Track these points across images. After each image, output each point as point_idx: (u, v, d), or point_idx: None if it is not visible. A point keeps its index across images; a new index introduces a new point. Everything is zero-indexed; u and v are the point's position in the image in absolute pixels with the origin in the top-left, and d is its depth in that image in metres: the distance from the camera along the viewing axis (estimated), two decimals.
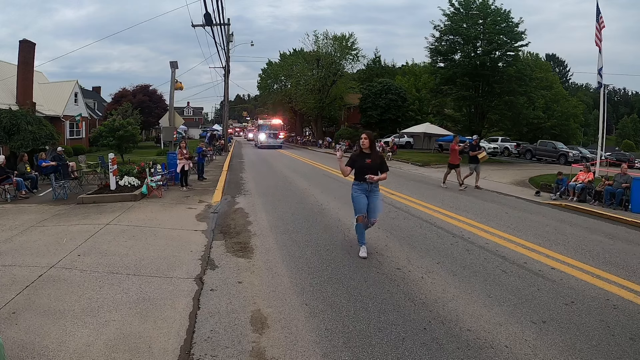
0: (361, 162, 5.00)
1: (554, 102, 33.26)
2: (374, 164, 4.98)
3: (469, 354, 2.90)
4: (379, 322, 3.36)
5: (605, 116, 14.69)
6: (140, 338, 3.05)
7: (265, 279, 4.32)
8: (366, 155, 5.02)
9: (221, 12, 28.76)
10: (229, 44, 30.75)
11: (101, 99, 44.49)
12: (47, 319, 3.30)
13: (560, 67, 76.23)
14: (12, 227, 6.39)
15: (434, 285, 4.18)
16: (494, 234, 6.33)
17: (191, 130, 64.76)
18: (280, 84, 49.48)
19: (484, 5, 23.30)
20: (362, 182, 4.98)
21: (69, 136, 27.29)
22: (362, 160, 5.00)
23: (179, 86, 14.55)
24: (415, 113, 36.48)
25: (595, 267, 4.88)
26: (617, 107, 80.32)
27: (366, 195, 5.01)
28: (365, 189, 5.01)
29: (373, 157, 5.03)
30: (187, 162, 11.04)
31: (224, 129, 36.89)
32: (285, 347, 2.97)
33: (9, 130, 13.40)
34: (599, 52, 13.08)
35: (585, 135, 52.53)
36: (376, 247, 5.51)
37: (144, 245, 5.46)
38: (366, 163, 4.95)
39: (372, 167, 4.95)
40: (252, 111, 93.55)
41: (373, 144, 5.09)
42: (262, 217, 7.37)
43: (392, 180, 13.47)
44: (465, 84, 24.05)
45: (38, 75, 25.30)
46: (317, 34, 40.64)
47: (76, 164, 13.36)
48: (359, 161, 5.03)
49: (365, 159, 4.99)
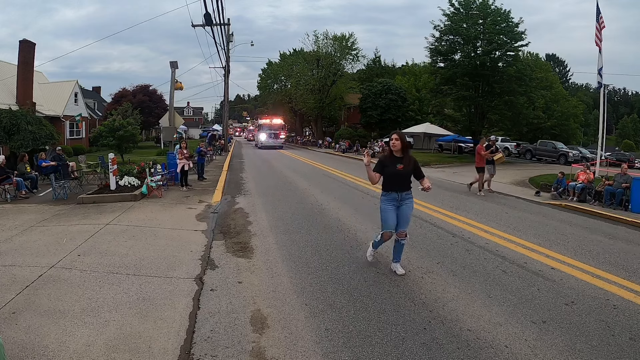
0: (392, 169, 4.30)
1: (554, 102, 33.25)
2: (406, 170, 4.31)
3: (469, 354, 2.90)
4: (379, 322, 3.36)
5: (605, 116, 14.69)
6: (140, 338, 3.05)
7: (265, 279, 4.32)
8: (397, 160, 4.33)
9: (221, 12, 28.78)
10: (229, 44, 30.77)
11: (101, 99, 44.49)
12: (47, 319, 3.30)
13: (560, 67, 76.21)
14: (12, 227, 6.39)
15: (434, 285, 4.18)
16: (494, 234, 6.33)
17: (191, 130, 64.77)
18: (280, 84, 49.50)
19: (484, 5, 23.29)
20: (392, 191, 4.34)
21: (69, 136, 27.30)
22: (392, 166, 4.30)
23: (179, 86, 14.56)
24: (415, 113, 36.47)
25: (595, 267, 4.88)
26: (617, 107, 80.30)
27: (396, 207, 4.37)
28: (395, 199, 4.35)
29: (405, 161, 4.33)
30: (187, 162, 11.04)
31: (224, 129, 36.89)
32: (285, 347, 2.97)
33: (9, 130, 13.41)
34: (599, 52, 13.08)
35: (585, 135, 52.52)
36: None
37: (144, 245, 5.46)
38: (397, 170, 4.28)
39: (404, 175, 4.32)
40: (252, 111, 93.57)
41: (406, 147, 4.35)
42: (262, 217, 7.37)
43: None
44: (465, 84, 24.04)
45: (38, 75, 25.30)
46: (317, 34, 40.67)
47: (76, 164, 13.36)
48: (389, 167, 4.32)
49: (397, 164, 4.30)
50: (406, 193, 4.35)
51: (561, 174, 11.10)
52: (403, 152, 4.36)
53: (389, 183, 4.35)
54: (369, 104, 35.03)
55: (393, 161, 4.36)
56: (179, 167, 10.97)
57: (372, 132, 36.08)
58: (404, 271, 4.43)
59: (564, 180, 10.83)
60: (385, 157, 4.45)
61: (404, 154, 4.36)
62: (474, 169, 11.59)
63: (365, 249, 5.38)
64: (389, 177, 4.34)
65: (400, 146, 4.32)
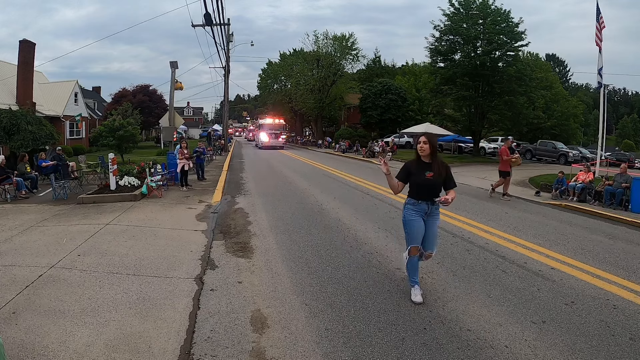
0: (420, 177, 3.72)
1: (554, 102, 33.25)
2: (437, 178, 3.70)
3: (469, 354, 2.90)
4: (379, 322, 3.36)
5: (605, 116, 14.70)
6: (140, 338, 3.05)
7: (265, 279, 4.32)
8: (426, 167, 3.73)
9: (221, 12, 28.80)
10: (229, 44, 30.76)
11: (101, 99, 44.50)
12: (47, 319, 3.30)
13: (560, 67, 76.21)
14: (12, 227, 6.39)
15: (434, 285, 4.18)
16: (494, 234, 6.33)
17: (191, 130, 64.74)
18: (280, 84, 49.47)
19: (484, 5, 23.29)
20: (421, 200, 3.76)
21: (69, 136, 27.30)
22: (420, 174, 3.72)
23: (179, 86, 14.56)
24: (415, 113, 36.45)
25: (595, 267, 4.88)
26: (617, 107, 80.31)
27: (423, 219, 3.80)
28: (425, 210, 3.77)
29: (435, 168, 3.71)
30: (187, 162, 11.04)
31: (224, 129, 36.88)
32: (285, 347, 2.97)
33: (9, 130, 13.41)
34: (599, 52, 13.08)
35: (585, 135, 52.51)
36: (376, 247, 5.51)
37: (144, 245, 5.46)
38: (426, 178, 3.68)
39: (435, 184, 3.72)
40: (252, 111, 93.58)
41: (435, 151, 3.77)
42: (262, 217, 7.37)
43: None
44: (465, 84, 24.04)
45: (38, 75, 25.30)
46: (317, 34, 40.66)
47: (76, 164, 13.36)
48: (416, 175, 3.74)
49: (425, 171, 3.71)
50: (436, 205, 3.80)
51: (561, 173, 11.10)
52: (432, 157, 3.73)
53: (416, 193, 3.78)
54: (369, 104, 35.03)
55: (421, 168, 3.74)
56: (179, 167, 10.97)
57: (372, 132, 36.06)
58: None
59: (564, 179, 10.84)
60: (412, 163, 3.83)
61: (433, 160, 3.74)
62: (474, 169, 11.54)
63: (365, 248, 5.40)
64: (417, 187, 3.77)
65: (430, 150, 3.69)
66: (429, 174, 3.69)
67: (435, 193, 3.76)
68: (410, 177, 3.78)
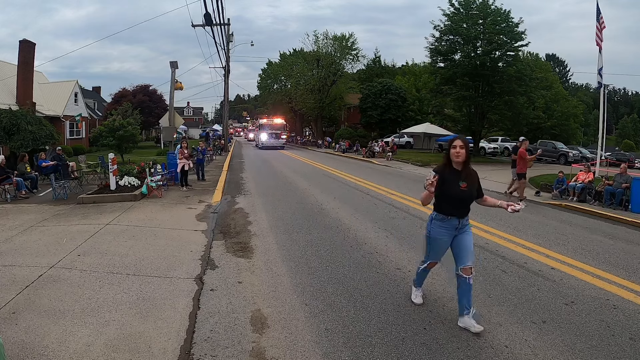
0: (453, 188, 3.21)
1: (554, 102, 33.24)
2: (471, 190, 3.25)
3: (469, 354, 2.90)
4: (379, 322, 3.36)
5: (605, 116, 14.70)
6: (140, 338, 3.05)
7: (265, 279, 4.32)
8: (458, 175, 3.23)
9: (221, 12, 28.82)
10: (229, 44, 30.77)
11: (101, 99, 44.48)
12: (47, 319, 3.30)
13: (560, 67, 76.22)
14: (12, 227, 6.39)
15: (434, 285, 4.18)
16: (494, 234, 6.32)
17: (191, 130, 64.73)
18: (280, 84, 49.48)
19: (484, 5, 23.27)
20: (452, 216, 3.28)
21: (69, 136, 27.29)
22: (453, 184, 3.21)
23: (179, 86, 14.56)
24: (415, 113, 36.48)
25: (595, 267, 4.87)
26: (617, 107, 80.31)
27: (453, 235, 3.36)
28: (455, 226, 3.31)
29: (469, 178, 3.25)
30: (187, 161, 11.04)
31: (224, 129, 36.89)
32: (285, 347, 2.97)
33: (9, 130, 13.40)
34: (599, 52, 13.08)
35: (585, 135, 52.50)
36: (376, 247, 5.51)
37: (144, 245, 5.46)
38: (460, 190, 3.20)
39: (468, 197, 3.27)
40: (252, 111, 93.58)
41: (469, 157, 3.27)
42: (262, 217, 7.37)
43: (392, 180, 13.48)
44: (465, 84, 24.02)
45: (38, 75, 25.30)
46: (317, 34, 40.75)
47: (76, 164, 13.36)
48: (449, 185, 3.22)
49: (459, 181, 3.21)
50: (466, 219, 3.35)
51: (561, 173, 11.10)
52: (465, 164, 3.25)
53: (447, 206, 3.28)
54: (369, 104, 35.04)
55: (454, 177, 3.23)
56: (179, 166, 10.97)
57: (372, 132, 36.07)
58: (481, 327, 3.19)
59: (565, 179, 10.84)
60: (443, 170, 3.28)
61: (465, 167, 3.25)
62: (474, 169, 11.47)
63: (365, 248, 5.40)
64: (449, 199, 3.25)
65: (466, 156, 3.21)
66: (463, 185, 3.20)
67: (467, 207, 3.32)
68: (442, 186, 3.22)
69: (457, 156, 3.20)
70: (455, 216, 3.28)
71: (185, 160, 10.94)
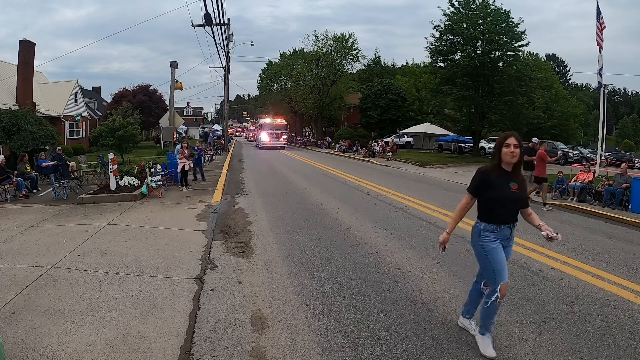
0: (503, 190, 2.82)
1: (554, 102, 33.29)
2: (522, 192, 2.90)
3: (469, 354, 2.90)
4: (379, 322, 3.36)
5: (605, 116, 14.70)
6: (140, 338, 3.05)
7: (265, 279, 4.32)
8: (508, 177, 2.85)
9: (221, 12, 28.83)
10: (229, 44, 30.78)
11: (101, 99, 44.49)
12: (47, 319, 3.30)
13: (560, 67, 76.23)
14: (12, 227, 6.39)
15: (434, 285, 4.18)
16: None
17: (191, 130, 64.76)
18: (280, 84, 49.49)
19: (484, 5, 23.28)
20: (504, 224, 2.85)
21: (69, 136, 27.29)
22: (504, 187, 2.82)
23: (179, 86, 14.57)
24: (415, 113, 36.49)
25: (595, 267, 4.88)
26: (617, 107, 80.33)
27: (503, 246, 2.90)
28: (506, 236, 2.90)
29: (520, 179, 2.90)
30: (187, 162, 11.04)
31: (224, 129, 36.89)
32: (285, 347, 2.97)
33: (9, 130, 13.40)
34: (599, 52, 13.08)
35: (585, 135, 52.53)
36: (376, 247, 5.51)
37: (144, 245, 5.46)
38: (512, 192, 2.82)
39: (520, 200, 2.90)
40: (252, 111, 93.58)
41: (522, 157, 2.91)
42: (262, 217, 7.37)
43: (392, 180, 13.48)
44: (465, 84, 24.03)
45: (38, 75, 25.30)
46: (317, 34, 40.71)
47: (76, 164, 13.36)
48: (498, 188, 2.82)
49: (509, 182, 2.83)
50: (515, 227, 2.92)
51: (560, 173, 11.10)
52: (516, 165, 2.87)
53: (498, 212, 2.84)
54: (369, 104, 35.04)
55: (503, 178, 2.84)
56: (179, 166, 10.97)
57: (372, 132, 36.08)
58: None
59: (565, 179, 10.84)
60: (490, 171, 2.89)
61: (516, 168, 2.88)
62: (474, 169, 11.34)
63: (365, 248, 5.39)
64: (499, 204, 2.82)
65: (520, 156, 2.83)
66: (514, 186, 2.81)
67: (517, 211, 2.93)
68: (489, 189, 2.83)
69: (512, 156, 2.78)
70: (508, 224, 2.85)
71: (185, 160, 10.94)
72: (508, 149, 2.80)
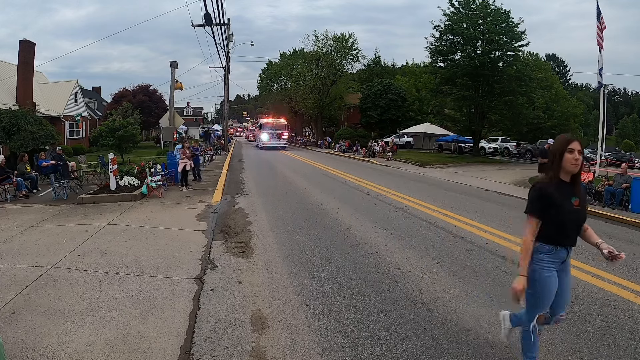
0: (565, 206, 2.37)
1: (554, 102, 33.27)
2: (584, 206, 2.46)
3: (469, 354, 2.90)
4: (379, 322, 3.36)
5: (605, 116, 14.70)
6: (140, 338, 3.05)
7: (265, 279, 4.32)
8: (570, 189, 2.41)
9: (221, 12, 28.80)
10: (229, 44, 30.78)
11: (101, 99, 44.49)
12: (47, 319, 3.30)
13: (560, 67, 76.18)
14: (12, 227, 6.39)
15: (434, 285, 4.18)
16: (494, 234, 6.32)
17: (191, 130, 64.72)
18: (280, 84, 49.49)
19: (484, 5, 23.28)
20: (562, 246, 2.44)
21: (69, 136, 27.28)
22: (566, 202, 2.38)
23: (179, 86, 14.56)
24: (415, 113, 36.49)
25: (595, 267, 4.87)
26: (617, 107, 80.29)
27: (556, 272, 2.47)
28: (563, 258, 2.46)
29: (581, 192, 2.47)
30: (188, 161, 11.05)
31: (224, 129, 36.92)
32: (285, 347, 2.97)
33: (9, 130, 13.40)
34: (600, 52, 13.09)
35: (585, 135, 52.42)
36: (376, 247, 5.51)
37: (144, 245, 5.46)
38: (574, 208, 2.40)
39: (583, 219, 2.48)
40: (252, 111, 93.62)
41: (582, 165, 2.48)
42: (262, 217, 7.37)
43: (392, 180, 13.48)
44: (465, 84, 24.04)
45: (38, 75, 25.29)
46: (317, 34, 40.68)
47: (76, 164, 13.36)
48: (559, 204, 2.37)
49: (572, 197, 2.40)
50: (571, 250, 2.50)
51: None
52: (576, 175, 2.43)
53: (557, 232, 2.40)
54: (369, 104, 35.05)
55: (564, 193, 2.40)
56: (180, 166, 10.98)
57: (372, 132, 36.08)
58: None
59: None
60: (549, 185, 2.41)
61: (575, 178, 2.44)
62: (474, 169, 11.46)
63: (365, 248, 5.39)
64: (561, 223, 2.38)
65: (581, 165, 2.42)
66: (575, 202, 2.39)
67: (578, 233, 2.50)
68: (551, 207, 2.37)
69: (576, 164, 2.35)
70: (566, 246, 2.44)
71: (186, 160, 10.95)
72: (572, 155, 2.34)
